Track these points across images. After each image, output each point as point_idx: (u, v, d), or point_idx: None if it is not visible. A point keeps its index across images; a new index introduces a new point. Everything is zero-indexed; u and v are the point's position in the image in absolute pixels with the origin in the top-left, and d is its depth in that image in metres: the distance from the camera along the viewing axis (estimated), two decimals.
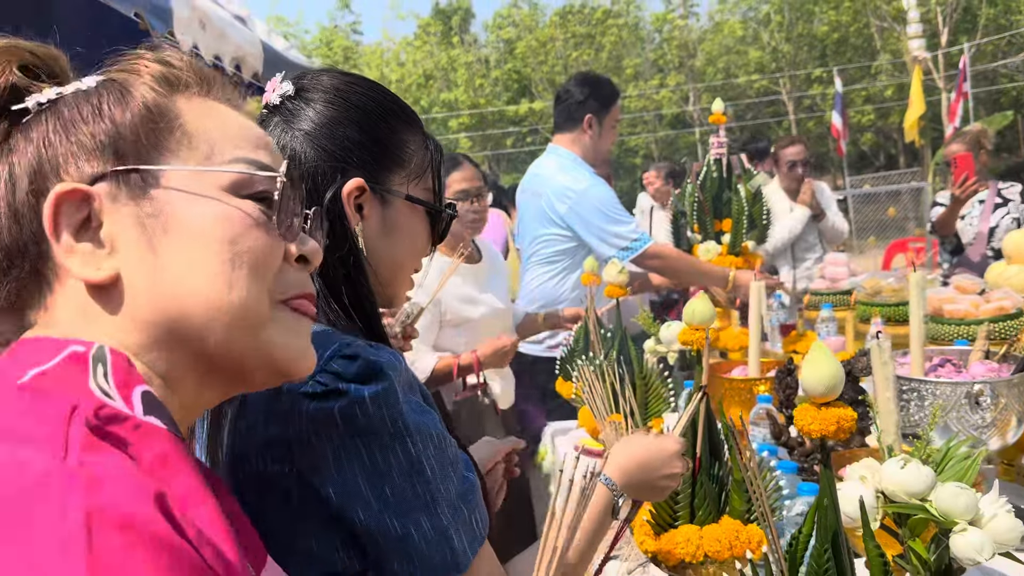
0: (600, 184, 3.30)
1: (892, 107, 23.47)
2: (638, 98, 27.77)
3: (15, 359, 0.61)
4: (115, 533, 0.47)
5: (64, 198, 0.61)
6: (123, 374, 0.60)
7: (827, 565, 0.92)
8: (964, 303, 2.53)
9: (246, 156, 0.67)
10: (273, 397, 0.86)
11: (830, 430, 1.01)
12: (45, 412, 0.55)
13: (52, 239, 0.61)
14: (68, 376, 0.58)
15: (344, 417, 0.84)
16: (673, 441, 1.32)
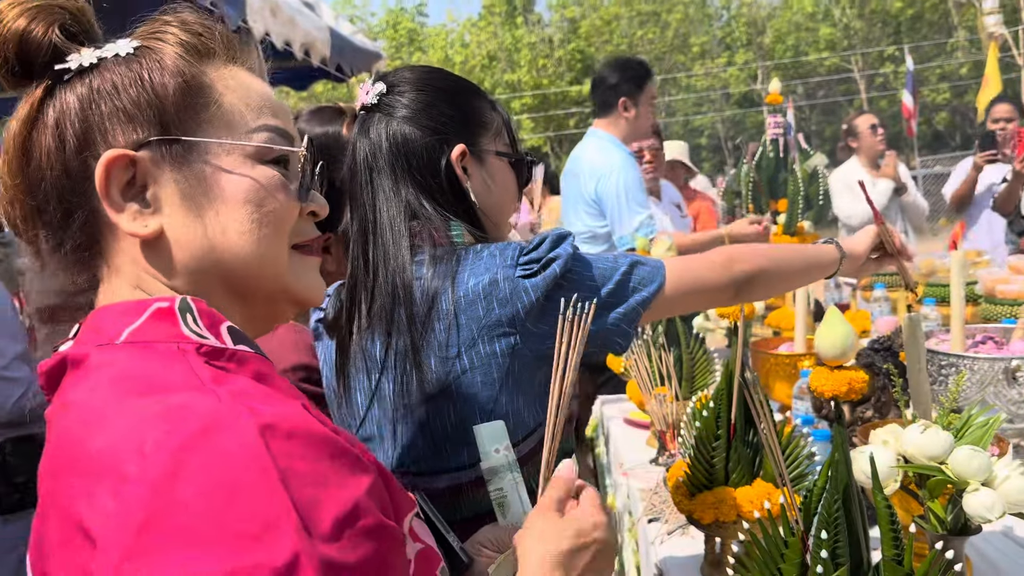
0: (630, 168, 3.42)
1: (968, 85, 22.65)
2: (704, 77, 27.35)
3: (106, 323, 0.70)
4: (285, 441, 0.59)
5: (113, 162, 0.70)
6: (208, 316, 0.71)
7: (837, 514, 0.99)
8: (1018, 284, 2.53)
9: (267, 123, 0.77)
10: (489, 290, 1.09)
11: (842, 391, 1.08)
12: (162, 361, 0.66)
13: (103, 199, 0.70)
14: (160, 328, 0.69)
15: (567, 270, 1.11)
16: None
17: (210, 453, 0.56)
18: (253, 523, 0.55)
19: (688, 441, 1.72)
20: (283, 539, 0.55)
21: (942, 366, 1.77)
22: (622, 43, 27.67)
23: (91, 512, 0.57)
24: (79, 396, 0.65)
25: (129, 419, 0.60)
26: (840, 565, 1.00)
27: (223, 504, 0.55)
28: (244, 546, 0.54)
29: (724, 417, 1.50)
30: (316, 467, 0.59)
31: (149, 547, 0.54)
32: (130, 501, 0.55)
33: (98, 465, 0.59)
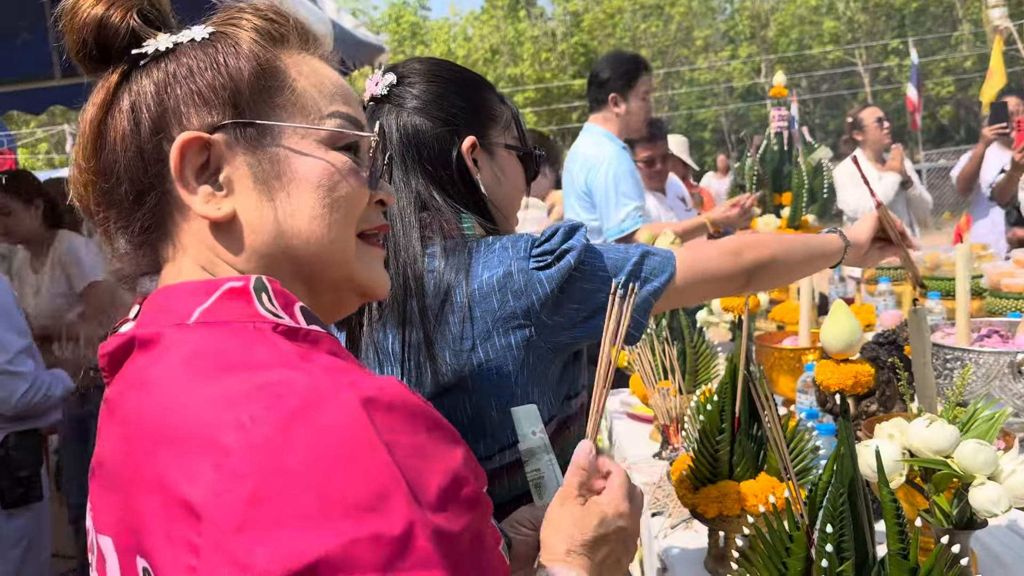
0: (622, 161, 3.42)
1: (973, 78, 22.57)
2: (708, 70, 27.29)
3: (174, 303, 0.70)
4: (386, 414, 0.59)
5: (188, 145, 0.70)
6: (282, 296, 0.71)
7: (842, 508, 0.99)
8: (1022, 277, 2.52)
9: (339, 110, 0.77)
10: (503, 282, 1.09)
11: (848, 384, 1.08)
12: (243, 339, 0.66)
13: (177, 181, 0.71)
14: (233, 307, 0.69)
15: (581, 262, 1.11)
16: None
17: (315, 425, 0.56)
18: (365, 494, 0.55)
19: (692, 435, 1.72)
20: (397, 509, 0.55)
21: (947, 360, 1.77)
22: (625, 37, 27.61)
23: (192, 487, 0.56)
24: (157, 374, 0.65)
25: (221, 395, 0.60)
26: (845, 559, 0.99)
27: (333, 476, 0.55)
28: (359, 517, 0.54)
29: (728, 411, 1.49)
30: (416, 439, 0.60)
31: (260, 520, 0.53)
32: (235, 474, 0.55)
33: (192, 441, 0.58)
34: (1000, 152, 4.68)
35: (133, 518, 0.61)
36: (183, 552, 0.56)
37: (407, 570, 0.54)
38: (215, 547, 0.54)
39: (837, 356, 1.03)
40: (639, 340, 1.18)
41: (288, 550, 0.53)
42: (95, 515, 0.69)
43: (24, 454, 2.45)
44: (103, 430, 0.70)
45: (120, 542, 0.63)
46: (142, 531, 0.60)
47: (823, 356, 1.75)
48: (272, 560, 0.52)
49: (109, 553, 0.65)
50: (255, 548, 0.53)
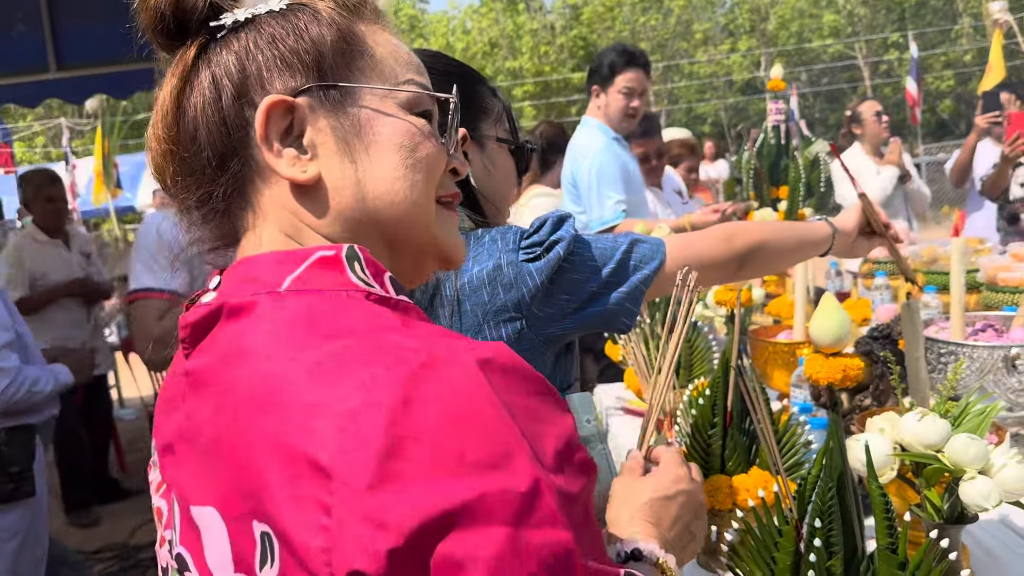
0: (609, 153, 3.39)
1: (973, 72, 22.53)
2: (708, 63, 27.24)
3: (262, 271, 0.70)
4: (502, 376, 0.60)
5: (273, 108, 0.70)
6: (373, 265, 0.71)
7: (831, 502, 0.98)
8: (1019, 271, 2.52)
9: (414, 79, 0.77)
10: (493, 275, 1.09)
11: (836, 378, 1.07)
12: (343, 306, 0.66)
13: (262, 144, 0.71)
14: (324, 276, 0.69)
15: (570, 253, 1.11)
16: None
17: (437, 385, 0.57)
18: (491, 452, 0.55)
19: (684, 429, 1.72)
20: (522, 467, 0.56)
21: (941, 354, 1.76)
22: (624, 30, 27.56)
23: (319, 447, 0.56)
24: (258, 342, 0.64)
25: (335, 359, 0.60)
26: (834, 554, 0.99)
27: (459, 434, 0.55)
28: (486, 473, 0.54)
29: (720, 405, 1.49)
30: (530, 402, 0.61)
31: (393, 475, 0.54)
32: (363, 433, 0.55)
33: (312, 403, 0.58)
34: (994, 147, 4.68)
35: (247, 484, 0.60)
36: (313, 511, 0.55)
37: (535, 526, 0.55)
38: (349, 506, 0.54)
39: (826, 350, 1.03)
40: (631, 329, 1.18)
41: (421, 503, 0.53)
42: (186, 489, 0.67)
43: (15, 450, 2.43)
44: (185, 404, 0.69)
45: (229, 510, 0.62)
46: (260, 496, 0.59)
47: (814, 350, 1.74)
48: (406, 514, 0.53)
49: (212, 523, 0.64)
50: (389, 504, 0.53)
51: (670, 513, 0.85)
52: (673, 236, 1.24)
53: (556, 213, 1.15)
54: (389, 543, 0.52)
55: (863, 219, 1.50)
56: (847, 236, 1.46)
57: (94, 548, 4.24)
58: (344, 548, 0.54)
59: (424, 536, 0.53)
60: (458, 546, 0.53)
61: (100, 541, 4.33)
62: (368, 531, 0.53)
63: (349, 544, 0.53)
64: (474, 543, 0.53)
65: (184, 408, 0.69)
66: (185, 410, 0.69)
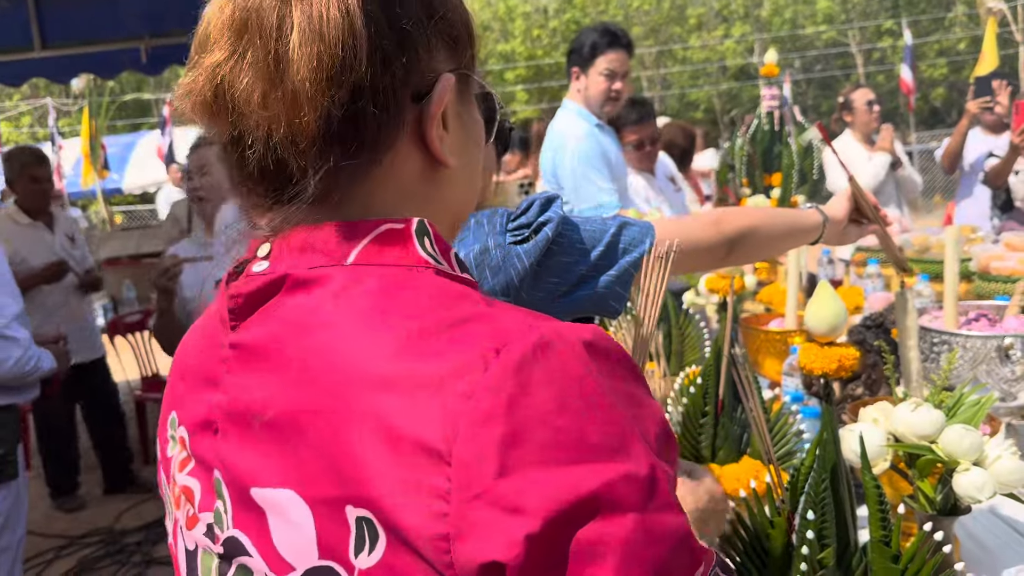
0: (590, 139, 3.27)
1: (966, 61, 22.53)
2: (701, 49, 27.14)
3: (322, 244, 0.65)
4: (604, 359, 0.58)
5: (449, 83, 0.67)
6: (441, 242, 0.68)
7: (824, 493, 0.97)
8: (1012, 260, 2.51)
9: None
10: (480, 259, 1.06)
11: (831, 368, 1.05)
12: (420, 281, 0.63)
13: (433, 119, 0.67)
14: (391, 249, 0.65)
15: (558, 235, 1.09)
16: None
17: (551, 368, 0.55)
18: (610, 436, 0.54)
19: (675, 418, 1.70)
20: (638, 452, 0.55)
21: (934, 343, 1.75)
22: (618, 14, 27.40)
23: (431, 430, 0.53)
24: (340, 315, 0.61)
25: (434, 337, 0.57)
26: (826, 546, 0.97)
27: (579, 417, 0.54)
28: (612, 458, 0.54)
29: (712, 394, 1.47)
30: (629, 387, 0.59)
31: (520, 462, 0.52)
32: (481, 416, 0.53)
33: (414, 383, 0.55)
34: (983, 136, 4.66)
35: (339, 466, 0.56)
36: (428, 497, 0.53)
37: (658, 511, 0.54)
38: (475, 492, 0.52)
39: (821, 339, 1.01)
40: (620, 312, 1.16)
41: (554, 489, 0.52)
42: (245, 470, 0.63)
43: (2, 431, 2.41)
44: (233, 376, 0.65)
45: (313, 493, 0.58)
46: (358, 480, 0.55)
47: (808, 339, 1.73)
48: (542, 500, 0.51)
49: (291, 506, 0.59)
50: (521, 490, 0.52)
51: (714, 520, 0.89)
52: (662, 219, 1.22)
53: (544, 194, 1.12)
54: (526, 528, 0.51)
55: (853, 205, 1.48)
56: (837, 224, 1.44)
57: (80, 533, 4.21)
58: (473, 536, 0.52)
59: (560, 522, 0.51)
60: (592, 532, 0.52)
61: (86, 526, 4.30)
62: (502, 517, 0.51)
63: (479, 531, 0.52)
64: (606, 529, 0.52)
65: (229, 383, 0.65)
66: (231, 385, 0.65)
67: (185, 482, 0.71)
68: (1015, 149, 3.81)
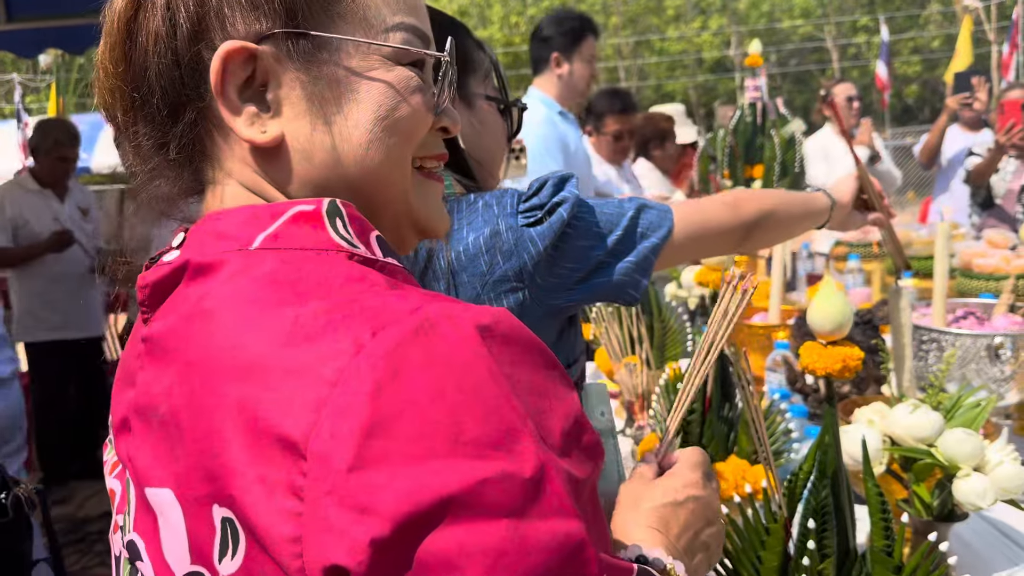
0: (546, 125, 3.16)
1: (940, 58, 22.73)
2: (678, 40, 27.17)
3: (231, 227, 0.61)
4: (504, 345, 0.52)
5: (232, 56, 0.60)
6: (358, 223, 0.62)
7: (825, 501, 0.92)
8: (995, 258, 2.49)
9: (405, 21, 0.66)
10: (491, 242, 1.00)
11: (835, 368, 1.01)
12: (320, 266, 0.57)
13: (218, 97, 0.60)
14: (302, 233, 0.59)
15: (574, 217, 1.02)
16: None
17: (430, 353, 0.49)
18: (492, 430, 0.48)
19: (661, 414, 1.66)
20: (526, 448, 0.49)
21: (923, 341, 1.72)
22: (596, 3, 27.33)
23: (292, 422, 0.48)
24: (225, 303, 0.56)
25: (313, 321, 0.52)
26: (827, 556, 0.93)
27: (456, 408, 0.48)
28: (486, 455, 0.47)
29: (700, 390, 1.43)
30: (534, 376, 0.53)
31: (378, 455, 0.46)
32: (344, 406, 0.47)
33: (285, 371, 0.50)
34: (962, 132, 4.67)
35: (208, 464, 0.52)
36: (283, 495, 0.48)
37: (542, 516, 0.48)
38: (326, 488, 0.46)
39: (825, 338, 0.97)
40: (639, 301, 1.10)
41: (411, 487, 0.46)
42: (141, 469, 0.59)
43: None
44: (142, 374, 0.61)
45: (186, 492, 0.54)
46: (223, 477, 0.51)
47: (800, 336, 1.69)
48: (395, 499, 0.45)
49: (169, 506, 0.56)
50: (374, 487, 0.46)
51: (679, 520, 0.75)
52: (680, 203, 1.16)
53: (557, 173, 1.05)
54: (373, 531, 0.45)
55: (858, 190, 1.43)
56: (843, 208, 1.39)
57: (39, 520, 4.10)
58: (319, 538, 0.46)
59: (414, 526, 0.45)
60: (452, 538, 0.46)
61: None
62: (348, 518, 0.45)
63: (325, 533, 0.46)
64: (471, 535, 0.46)
65: (141, 378, 0.61)
66: (142, 381, 0.61)
67: (111, 484, 0.68)
68: (999, 148, 3.81)
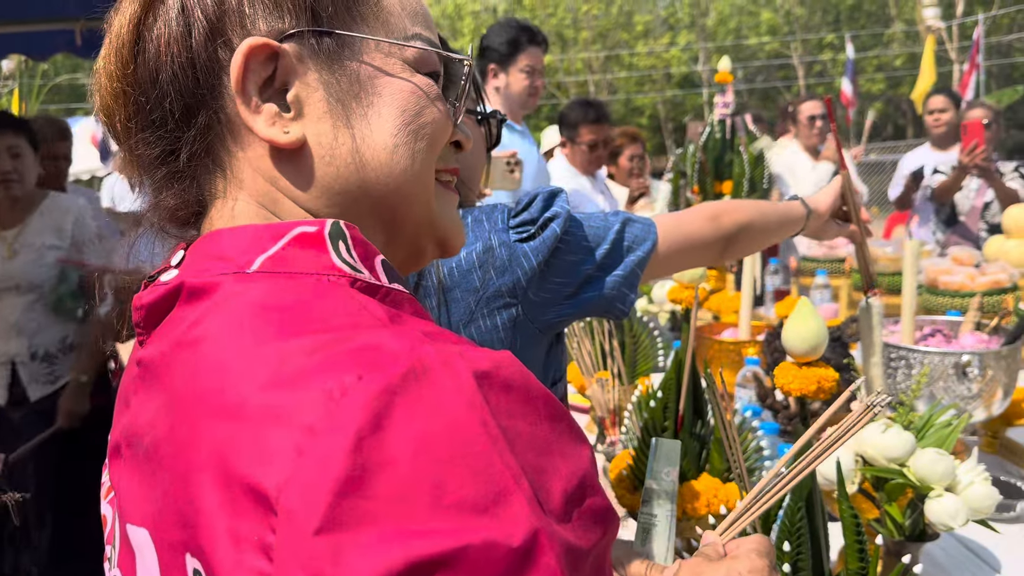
0: None
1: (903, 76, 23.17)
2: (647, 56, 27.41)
3: (231, 248, 0.58)
4: (504, 394, 0.47)
5: (254, 53, 0.57)
6: (363, 247, 0.59)
7: (800, 523, 0.92)
8: (960, 275, 2.53)
9: (422, 33, 0.65)
10: (484, 258, 0.99)
11: (810, 389, 1.01)
12: (319, 295, 0.54)
13: (238, 96, 0.58)
14: (303, 257, 0.56)
15: (565, 232, 1.02)
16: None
17: (419, 402, 0.45)
18: (479, 491, 0.43)
19: (633, 430, 1.65)
20: (518, 513, 0.44)
21: (892, 359, 1.73)
22: (567, 17, 27.51)
23: (266, 471, 0.44)
24: (213, 331, 0.53)
25: (300, 359, 0.48)
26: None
27: (440, 465, 0.43)
28: (471, 520, 0.43)
29: (672, 408, 1.42)
30: (537, 430, 0.48)
31: (351, 517, 0.42)
32: (323, 459, 0.43)
33: (265, 414, 0.46)
34: (929, 152, 4.73)
35: (184, 508, 0.49)
36: (252, 553, 0.44)
37: None
38: (292, 550, 0.42)
39: (799, 359, 0.96)
40: (627, 315, 1.09)
41: (383, 554, 0.41)
42: (125, 502, 0.56)
43: None
44: (135, 398, 0.58)
45: (162, 536, 0.51)
46: (196, 525, 0.47)
47: (771, 352, 1.69)
48: (364, 566, 0.41)
49: (145, 548, 0.52)
50: (343, 552, 0.42)
51: None
52: (662, 216, 1.16)
53: (545, 188, 1.05)
54: None
55: (839, 202, 1.44)
56: (820, 217, 1.40)
57: None
58: None
59: None
60: None
61: None
62: None
63: None
64: None
65: (134, 403, 0.58)
66: (134, 405, 0.58)
67: (104, 510, 0.64)
68: (963, 168, 3.87)
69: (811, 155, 4.80)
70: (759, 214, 1.27)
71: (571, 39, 27.47)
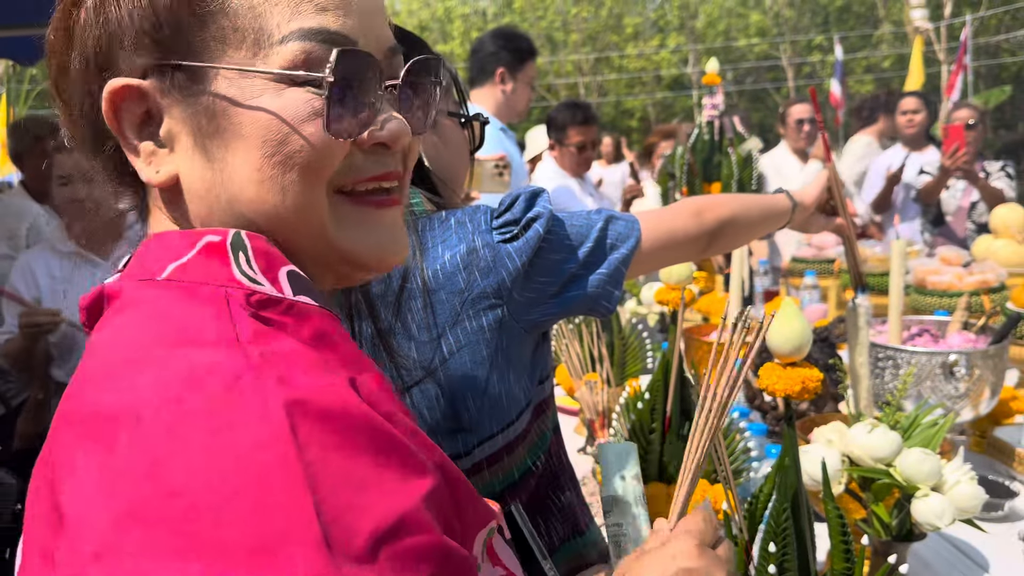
0: (489, 142, 3.19)
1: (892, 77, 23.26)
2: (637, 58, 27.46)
3: (149, 254, 0.59)
4: (318, 423, 0.46)
5: (119, 94, 0.57)
6: (265, 257, 0.57)
7: (785, 524, 0.92)
8: (948, 275, 2.53)
9: (304, 27, 0.57)
10: (468, 260, 0.98)
11: (795, 390, 1.00)
12: (202, 309, 0.53)
13: (118, 137, 0.58)
14: (209, 267, 0.56)
15: (548, 231, 1.01)
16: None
17: (217, 431, 0.44)
18: (261, 530, 0.42)
19: (621, 432, 1.64)
20: (297, 556, 0.42)
21: (879, 359, 1.73)
22: (556, 20, 27.54)
23: (71, 487, 0.45)
24: (104, 338, 0.53)
25: (137, 375, 0.48)
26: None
27: (224, 498, 0.43)
28: (245, 560, 0.42)
29: (659, 409, 1.42)
30: (353, 463, 0.46)
31: (125, 546, 0.42)
32: (112, 482, 0.43)
33: (85, 428, 0.47)
34: (901, 151, 4.73)
35: (37, 514, 0.49)
36: (44, 570, 0.45)
37: None
38: (68, 569, 0.43)
39: (784, 359, 0.96)
40: (612, 313, 1.09)
41: None
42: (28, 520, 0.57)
43: None
44: None
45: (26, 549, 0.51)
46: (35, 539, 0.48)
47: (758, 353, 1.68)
48: None
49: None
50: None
51: None
52: (644, 212, 1.16)
53: (528, 188, 1.05)
54: None
55: (825, 195, 1.44)
56: (806, 209, 1.40)
57: None
58: None
59: None
60: None
61: None
62: None
63: None
64: None
65: None
66: None
67: None
68: (946, 171, 3.89)
69: (799, 158, 4.82)
70: (743, 208, 1.27)
71: (561, 41, 27.51)
